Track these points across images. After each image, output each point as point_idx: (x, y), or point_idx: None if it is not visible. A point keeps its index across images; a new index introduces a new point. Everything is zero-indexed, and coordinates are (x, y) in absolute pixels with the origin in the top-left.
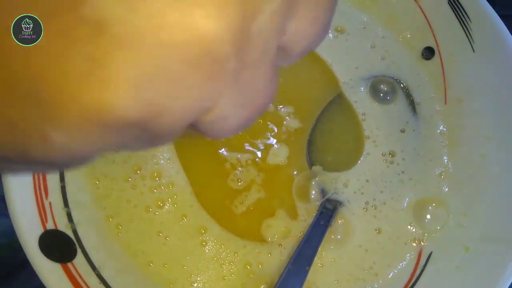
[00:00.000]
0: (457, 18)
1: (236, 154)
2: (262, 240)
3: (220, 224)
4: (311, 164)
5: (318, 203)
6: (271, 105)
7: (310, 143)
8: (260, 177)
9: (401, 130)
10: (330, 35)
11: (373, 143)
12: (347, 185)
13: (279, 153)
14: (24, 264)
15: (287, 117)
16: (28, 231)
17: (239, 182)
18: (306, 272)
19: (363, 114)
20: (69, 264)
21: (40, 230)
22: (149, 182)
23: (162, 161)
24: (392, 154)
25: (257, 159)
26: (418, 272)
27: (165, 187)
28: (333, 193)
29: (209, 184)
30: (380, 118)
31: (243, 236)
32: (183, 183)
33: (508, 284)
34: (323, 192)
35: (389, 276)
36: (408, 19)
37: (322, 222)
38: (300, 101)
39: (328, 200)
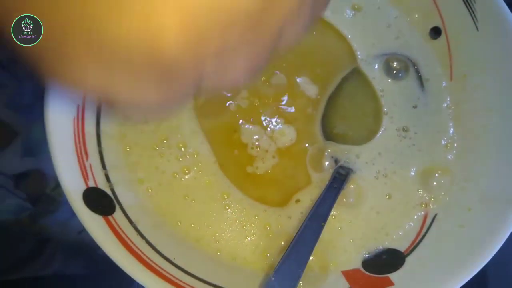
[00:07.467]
0: None
1: (253, 127)
2: (281, 205)
3: (242, 191)
4: (324, 137)
5: (331, 171)
6: (283, 76)
7: (325, 116)
8: (274, 147)
9: (413, 106)
10: (349, 13)
11: (390, 119)
12: (359, 156)
13: (287, 133)
14: (35, 251)
15: (303, 87)
16: (73, 188)
17: (257, 148)
18: (322, 227)
19: (381, 90)
20: (109, 217)
21: (83, 187)
22: (175, 151)
23: (187, 132)
24: (406, 129)
25: (269, 129)
26: (424, 231)
27: (190, 156)
28: (345, 161)
29: (230, 154)
30: (396, 94)
31: (263, 202)
32: (207, 153)
33: (507, 236)
34: (336, 162)
35: (398, 235)
36: (416, 1)
37: (335, 186)
38: (317, 73)
39: (341, 167)
